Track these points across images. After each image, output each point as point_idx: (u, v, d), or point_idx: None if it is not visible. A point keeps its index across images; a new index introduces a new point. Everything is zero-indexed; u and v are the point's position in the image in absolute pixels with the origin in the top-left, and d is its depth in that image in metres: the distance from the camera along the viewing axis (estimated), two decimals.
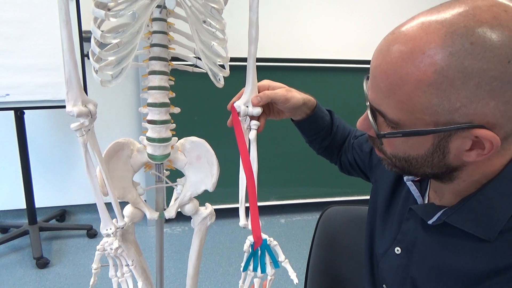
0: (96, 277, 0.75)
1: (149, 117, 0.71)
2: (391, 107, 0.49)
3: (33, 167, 2.01)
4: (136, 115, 2.35)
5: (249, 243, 0.74)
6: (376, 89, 0.50)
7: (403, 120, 0.48)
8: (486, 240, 0.51)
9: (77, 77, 0.61)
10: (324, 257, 1.01)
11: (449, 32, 0.43)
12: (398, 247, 0.66)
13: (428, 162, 0.52)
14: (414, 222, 0.63)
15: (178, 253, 2.06)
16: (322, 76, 2.39)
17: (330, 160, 0.97)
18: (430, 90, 0.44)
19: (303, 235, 2.29)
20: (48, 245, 2.07)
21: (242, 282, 0.76)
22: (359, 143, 0.88)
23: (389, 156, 0.56)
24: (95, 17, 0.61)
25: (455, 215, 0.54)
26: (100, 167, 0.68)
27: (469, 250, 0.53)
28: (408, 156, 0.53)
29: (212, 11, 0.67)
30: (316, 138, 0.89)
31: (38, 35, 1.69)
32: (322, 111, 0.85)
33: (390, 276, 0.68)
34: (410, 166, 0.54)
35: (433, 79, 0.44)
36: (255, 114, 0.71)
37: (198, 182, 0.77)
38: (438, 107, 0.45)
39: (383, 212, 0.73)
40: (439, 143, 0.49)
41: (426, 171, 0.53)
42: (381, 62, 0.48)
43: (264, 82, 0.76)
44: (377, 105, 0.51)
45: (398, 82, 0.46)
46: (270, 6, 2.29)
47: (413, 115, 0.47)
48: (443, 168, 0.52)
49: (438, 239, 0.58)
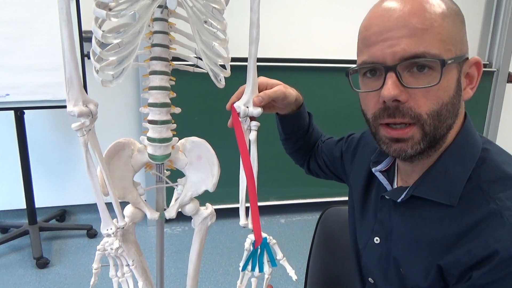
0: (96, 277, 0.75)
1: (150, 117, 0.71)
2: (432, 41, 0.53)
3: (33, 167, 2.01)
4: (137, 115, 2.35)
5: (250, 241, 0.74)
6: (410, 32, 0.53)
7: (441, 52, 0.54)
8: (450, 206, 0.57)
9: (78, 77, 0.61)
10: (324, 257, 1.01)
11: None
12: (377, 237, 0.70)
13: (453, 107, 0.57)
14: (387, 209, 0.68)
15: (178, 253, 2.06)
16: (322, 76, 2.39)
17: (297, 161, 1.00)
18: (450, 21, 0.55)
19: (303, 235, 2.29)
20: (48, 245, 2.07)
21: (240, 282, 0.76)
22: (328, 147, 0.92)
23: (425, 119, 0.55)
24: (96, 17, 0.61)
25: (420, 187, 0.61)
26: (100, 167, 0.68)
27: (438, 218, 0.59)
28: (441, 106, 0.55)
29: (213, 11, 0.67)
30: (293, 136, 0.91)
31: (38, 35, 1.69)
32: (305, 111, 0.88)
33: (373, 267, 0.71)
34: (440, 122, 0.56)
35: (448, 13, 0.55)
36: (255, 114, 0.71)
37: (199, 182, 0.77)
38: (457, 37, 0.55)
39: (360, 209, 0.77)
40: (459, 77, 0.57)
41: (448, 124, 0.58)
42: (405, 9, 0.54)
43: (262, 80, 0.76)
44: (415, 48, 0.53)
45: (431, 16, 0.53)
46: (271, 6, 2.29)
47: (446, 45, 0.54)
48: (455, 117, 0.59)
49: (408, 215, 0.63)
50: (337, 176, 0.93)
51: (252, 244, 0.74)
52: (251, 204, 0.69)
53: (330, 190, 2.59)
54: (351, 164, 0.85)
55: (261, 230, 0.72)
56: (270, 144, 2.41)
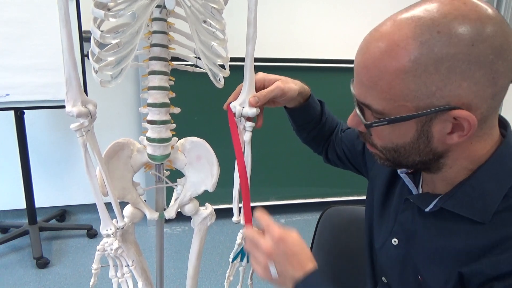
0: (96, 278, 0.75)
1: (149, 117, 0.71)
2: (375, 98, 0.53)
3: (33, 167, 2.01)
4: (136, 115, 2.34)
5: (242, 236, 0.79)
6: (360, 84, 0.55)
7: (387, 109, 0.52)
8: (481, 222, 0.55)
9: (76, 77, 0.61)
10: (324, 257, 1.01)
11: (418, 25, 0.48)
12: (395, 238, 0.68)
13: (415, 149, 0.55)
14: (410, 212, 0.66)
15: (178, 253, 2.06)
16: (322, 76, 2.38)
17: (315, 150, 0.99)
18: (407, 78, 0.49)
19: (303, 235, 2.25)
20: (48, 245, 2.07)
21: (229, 271, 0.82)
22: (349, 138, 0.90)
23: (380, 149, 0.59)
24: (94, 17, 0.61)
25: (451, 201, 0.57)
26: (100, 167, 0.68)
27: (466, 232, 0.57)
28: (396, 146, 0.56)
29: (212, 11, 0.67)
30: (305, 127, 0.90)
31: (38, 35, 1.69)
32: (315, 101, 0.87)
33: (389, 268, 0.70)
34: (400, 156, 0.57)
35: (409, 67, 0.49)
36: (250, 114, 0.71)
37: (198, 182, 0.77)
38: (417, 93, 0.50)
39: (380, 207, 0.75)
40: (423, 128, 0.53)
41: (415, 159, 0.57)
42: (362, 58, 0.53)
43: (260, 76, 0.76)
44: (363, 99, 0.55)
45: (378, 74, 0.51)
46: (270, 5, 2.29)
47: (396, 103, 0.51)
48: (429, 154, 0.55)
49: (435, 225, 0.61)
50: (357, 168, 0.91)
51: (243, 239, 0.77)
52: (244, 202, 0.70)
53: (330, 190, 2.59)
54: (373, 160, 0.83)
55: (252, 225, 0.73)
56: (271, 144, 2.42)
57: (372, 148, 0.61)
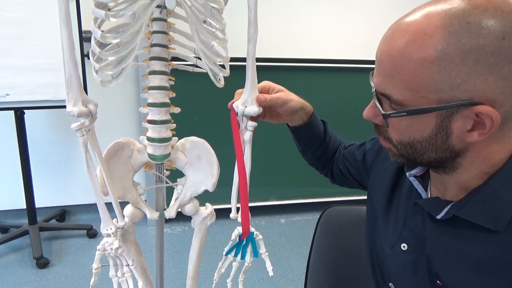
0: (96, 277, 0.75)
1: (149, 117, 0.71)
2: (397, 88, 0.51)
3: (33, 167, 2.01)
4: (136, 115, 2.35)
5: (237, 232, 0.79)
6: (382, 72, 0.53)
7: (408, 100, 0.51)
8: (496, 231, 0.53)
9: (77, 77, 0.61)
10: (324, 257, 1.01)
11: (448, 15, 0.47)
12: (405, 243, 0.66)
13: (432, 145, 0.53)
14: (420, 217, 0.64)
15: (178, 253, 2.06)
16: (322, 76, 2.38)
17: (321, 171, 0.98)
18: (432, 67, 0.47)
19: (303, 235, 2.29)
20: (48, 245, 2.07)
21: (221, 264, 0.84)
22: (350, 152, 0.90)
23: (395, 144, 0.57)
24: (95, 17, 0.61)
25: (464, 209, 0.55)
26: (100, 167, 0.68)
27: (479, 241, 0.55)
28: (413, 141, 0.54)
29: (212, 11, 0.67)
30: (310, 146, 0.90)
31: (38, 35, 1.69)
32: (318, 120, 0.87)
33: (397, 274, 0.68)
34: (415, 152, 0.55)
35: (435, 57, 0.47)
36: (252, 114, 0.71)
37: (199, 182, 0.77)
38: (440, 84, 0.48)
39: (384, 210, 0.74)
40: (442, 122, 0.51)
41: (431, 157, 0.55)
42: (386, 47, 0.52)
43: (265, 84, 0.76)
44: (383, 88, 0.53)
45: (403, 62, 0.49)
46: (270, 5, 2.29)
47: (417, 93, 0.50)
48: (446, 151, 0.54)
49: (448, 232, 0.59)
50: (360, 183, 0.90)
51: (238, 236, 0.79)
52: (242, 199, 0.70)
53: (330, 190, 2.58)
54: (374, 162, 0.82)
55: (249, 224, 0.76)
56: (271, 144, 2.42)
57: (386, 143, 0.60)
